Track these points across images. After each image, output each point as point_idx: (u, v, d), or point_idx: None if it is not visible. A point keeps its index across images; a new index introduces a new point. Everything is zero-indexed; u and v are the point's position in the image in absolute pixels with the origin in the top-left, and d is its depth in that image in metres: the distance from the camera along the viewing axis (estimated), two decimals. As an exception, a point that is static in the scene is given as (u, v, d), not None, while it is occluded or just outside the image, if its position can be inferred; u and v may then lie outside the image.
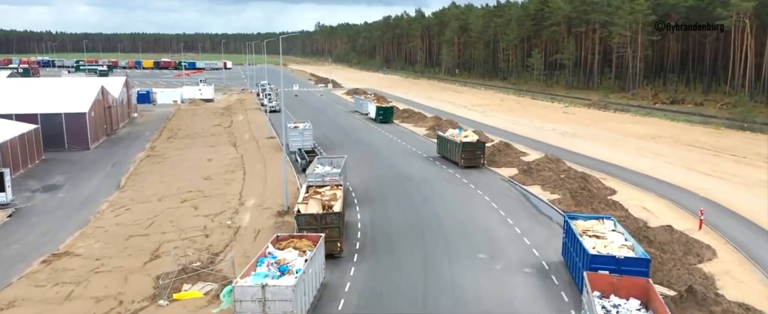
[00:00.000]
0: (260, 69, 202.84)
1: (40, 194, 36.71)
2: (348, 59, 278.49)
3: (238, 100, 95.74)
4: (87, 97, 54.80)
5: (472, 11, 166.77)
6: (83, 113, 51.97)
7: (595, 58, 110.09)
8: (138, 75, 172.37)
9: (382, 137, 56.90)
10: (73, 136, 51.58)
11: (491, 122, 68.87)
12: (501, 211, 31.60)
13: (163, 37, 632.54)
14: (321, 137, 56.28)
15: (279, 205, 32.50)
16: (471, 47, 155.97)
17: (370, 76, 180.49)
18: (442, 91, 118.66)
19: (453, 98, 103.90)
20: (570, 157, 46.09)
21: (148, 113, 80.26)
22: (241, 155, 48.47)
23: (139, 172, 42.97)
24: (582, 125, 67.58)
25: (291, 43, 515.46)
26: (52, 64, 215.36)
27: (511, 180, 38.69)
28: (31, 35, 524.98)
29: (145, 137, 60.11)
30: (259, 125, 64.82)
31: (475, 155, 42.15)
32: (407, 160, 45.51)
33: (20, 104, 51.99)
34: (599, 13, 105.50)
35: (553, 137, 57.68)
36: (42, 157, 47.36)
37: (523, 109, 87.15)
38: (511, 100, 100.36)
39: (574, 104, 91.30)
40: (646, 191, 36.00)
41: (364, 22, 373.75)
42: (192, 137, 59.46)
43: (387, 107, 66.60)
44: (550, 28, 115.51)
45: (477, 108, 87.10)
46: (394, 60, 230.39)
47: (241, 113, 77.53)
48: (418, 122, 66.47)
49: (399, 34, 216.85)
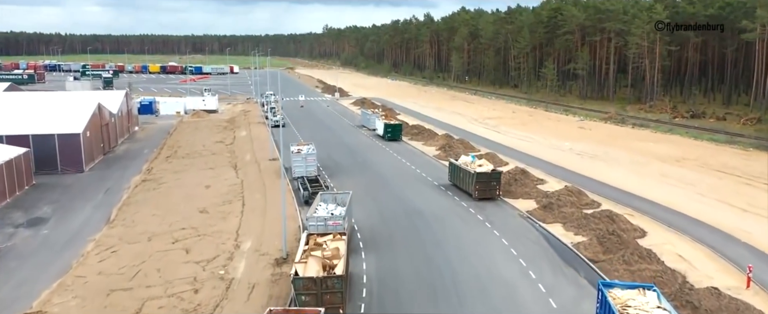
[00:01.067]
0: (267, 74, 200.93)
1: (24, 231, 34.17)
2: (356, 63, 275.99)
3: (242, 111, 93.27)
4: (82, 116, 52.40)
5: (483, 16, 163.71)
6: (77, 133, 49.55)
7: (610, 68, 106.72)
8: (144, 81, 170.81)
9: (390, 160, 54.06)
10: (67, 158, 49.15)
11: (504, 140, 65.86)
12: (521, 260, 28.65)
13: (171, 39, 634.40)
14: (325, 158, 53.59)
15: (278, 249, 29.76)
16: (481, 54, 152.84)
17: (377, 82, 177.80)
18: (451, 100, 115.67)
19: (463, 108, 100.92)
20: (591, 186, 43.06)
21: (149, 126, 77.90)
22: (240, 181, 45.81)
23: (133, 201, 40.38)
24: (600, 144, 64.41)
25: (299, 45, 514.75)
26: (59, 68, 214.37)
27: (530, 217, 35.72)
28: (41, 37, 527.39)
29: (144, 156, 57.62)
30: (261, 142, 62.18)
31: (490, 186, 39.25)
32: (417, 190, 42.63)
33: (11, 124, 49.62)
34: (615, 21, 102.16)
35: (571, 160, 54.61)
36: (32, 182, 44.95)
37: (537, 123, 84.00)
38: (523, 112, 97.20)
39: (590, 117, 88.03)
40: (680, 232, 32.89)
41: (372, 25, 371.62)
42: (192, 156, 56.90)
43: (395, 124, 63.78)
44: (563, 36, 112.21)
45: (489, 121, 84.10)
46: (402, 65, 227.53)
47: (244, 127, 74.98)
48: (428, 140, 63.59)
49: (407, 39, 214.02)
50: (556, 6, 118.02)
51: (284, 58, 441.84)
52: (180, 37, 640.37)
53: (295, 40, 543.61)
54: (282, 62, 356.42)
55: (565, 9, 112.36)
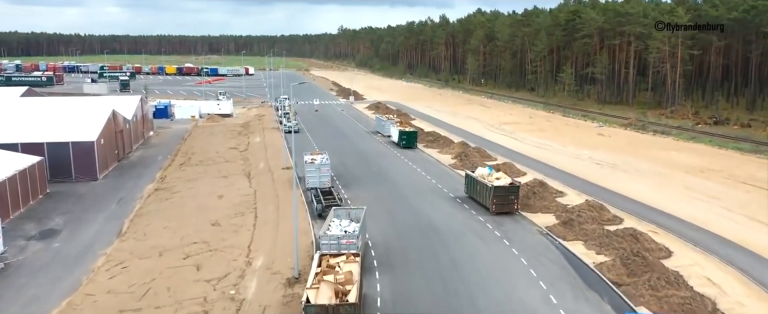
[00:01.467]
0: (282, 75, 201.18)
1: (35, 244, 33.90)
2: (371, 64, 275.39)
3: (256, 115, 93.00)
4: (96, 123, 52.29)
5: (499, 18, 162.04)
6: (91, 141, 49.39)
7: (630, 72, 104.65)
8: (160, 82, 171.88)
9: (405, 169, 53.14)
10: (81, 166, 49.03)
11: (522, 148, 64.59)
12: (541, 282, 27.58)
13: (187, 39, 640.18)
14: (339, 165, 52.90)
15: (290, 267, 29.03)
16: (497, 57, 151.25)
17: (392, 84, 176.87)
18: (467, 104, 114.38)
19: (479, 113, 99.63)
20: (613, 200, 41.77)
21: (164, 131, 77.90)
22: (253, 191, 45.24)
23: (145, 212, 39.99)
24: (620, 152, 62.86)
25: (314, 46, 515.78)
26: (78, 69, 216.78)
27: (550, 234, 34.58)
28: (61, 38, 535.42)
29: (158, 163, 57.43)
30: (275, 150, 61.65)
31: (507, 200, 38.18)
32: (433, 202, 41.67)
33: (26, 132, 49.64)
34: (635, 24, 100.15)
35: (590, 170, 53.24)
36: (46, 191, 44.83)
37: (555, 129, 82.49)
38: (540, 117, 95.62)
39: (609, 123, 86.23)
40: (708, 253, 31.55)
41: (387, 26, 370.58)
42: (206, 163, 56.56)
43: (410, 131, 62.83)
44: (581, 40, 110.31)
45: (505, 127, 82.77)
46: (417, 67, 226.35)
47: (258, 132, 74.58)
48: (443, 148, 62.56)
49: (423, 41, 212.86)
50: (574, 9, 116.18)
51: (299, 59, 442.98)
52: (197, 38, 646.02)
53: (310, 40, 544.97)
54: (297, 63, 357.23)
55: (584, 12, 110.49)
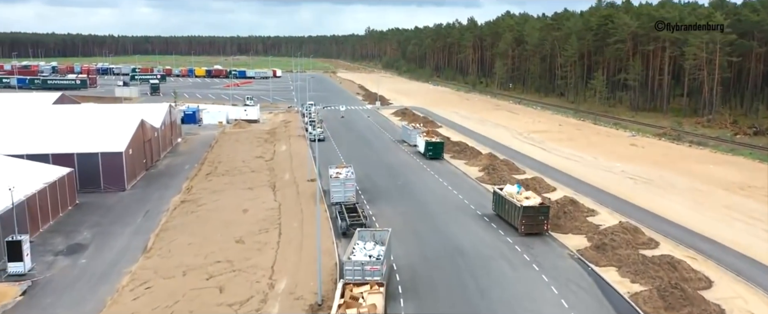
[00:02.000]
0: (309, 78, 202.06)
1: (62, 259, 34.14)
2: (397, 66, 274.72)
3: (283, 121, 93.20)
4: (125, 133, 52.84)
5: (528, 21, 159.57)
6: (120, 152, 49.88)
7: (664, 78, 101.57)
8: (189, 85, 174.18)
9: (432, 183, 52.21)
10: (109, 176, 49.55)
11: (551, 160, 63.02)
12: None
13: (217, 40, 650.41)
14: (364, 178, 52.32)
15: (312, 292, 28.51)
16: (526, 61, 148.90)
17: (419, 88, 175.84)
18: (495, 110, 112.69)
19: (507, 120, 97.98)
20: (648, 220, 40.20)
21: (192, 138, 78.57)
22: (278, 205, 44.95)
23: (170, 226, 40.05)
24: (655, 165, 60.81)
25: (341, 46, 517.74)
26: (111, 72, 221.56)
27: (581, 259, 33.30)
28: (95, 39, 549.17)
29: (184, 172, 57.78)
30: (301, 160, 61.44)
31: (537, 220, 37.00)
32: (460, 221, 40.68)
33: (57, 142, 50.42)
34: (671, 30, 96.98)
35: (623, 185, 51.51)
36: (75, 202, 45.36)
37: (585, 138, 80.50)
38: (570, 125, 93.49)
39: (642, 132, 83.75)
40: (751, 284, 29.91)
41: (414, 27, 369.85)
42: (231, 173, 56.64)
43: (437, 142, 61.88)
44: (614, 45, 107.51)
45: (534, 136, 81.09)
46: (444, 69, 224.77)
47: (284, 140, 74.56)
48: (470, 160, 61.43)
49: (450, 43, 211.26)
50: (607, 13, 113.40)
51: (326, 60, 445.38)
52: (226, 39, 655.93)
53: (337, 41, 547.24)
54: (324, 65, 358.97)
55: (617, 16, 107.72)
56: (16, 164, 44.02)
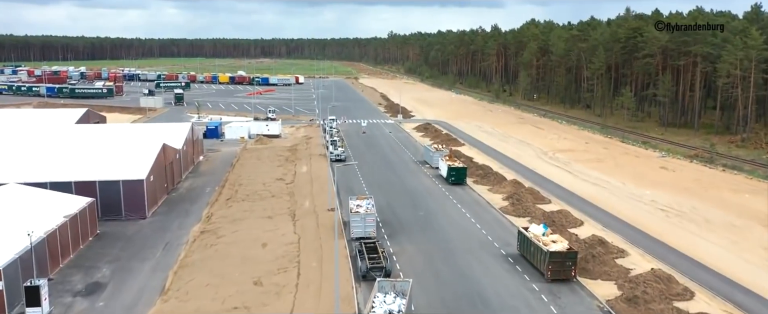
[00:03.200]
0: (332, 84, 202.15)
1: (80, 301, 33.86)
2: (420, 72, 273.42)
3: (304, 137, 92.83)
4: (146, 159, 52.81)
5: (553, 30, 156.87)
6: (141, 180, 49.80)
7: (695, 95, 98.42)
8: (213, 93, 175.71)
9: (454, 213, 50.95)
10: (130, 204, 49.54)
11: (578, 186, 61.19)
12: (604, 385, 25.03)
13: (241, 43, 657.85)
14: (385, 207, 51.43)
15: (331, 349, 27.64)
16: (551, 71, 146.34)
17: (441, 96, 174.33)
18: (519, 125, 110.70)
19: (532, 136, 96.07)
20: (682, 265, 38.45)
21: (214, 155, 78.67)
22: (297, 238, 44.24)
23: (189, 263, 39.63)
24: (687, 193, 58.63)
25: (364, 49, 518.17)
26: (137, 78, 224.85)
27: (611, 312, 31.76)
28: (123, 42, 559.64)
29: (205, 195, 57.62)
30: (321, 184, 60.75)
31: (564, 266, 35.56)
32: (483, 262, 39.42)
33: (80, 169, 50.60)
34: (702, 45, 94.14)
35: (654, 219, 49.57)
36: (96, 232, 45.35)
37: (613, 158, 78.30)
38: (597, 142, 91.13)
39: (672, 153, 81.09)
40: (795, 350, 28.09)
41: (437, 31, 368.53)
42: (252, 198, 56.23)
43: (460, 168, 60.56)
44: (643, 59, 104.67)
45: (559, 156, 79.18)
46: (467, 76, 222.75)
47: (305, 160, 74.04)
48: (494, 185, 59.99)
49: (473, 50, 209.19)
50: (635, 25, 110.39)
51: (348, 63, 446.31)
52: (250, 41, 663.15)
53: (360, 44, 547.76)
54: (346, 69, 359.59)
55: (646, 30, 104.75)
56: (39, 195, 44.23)
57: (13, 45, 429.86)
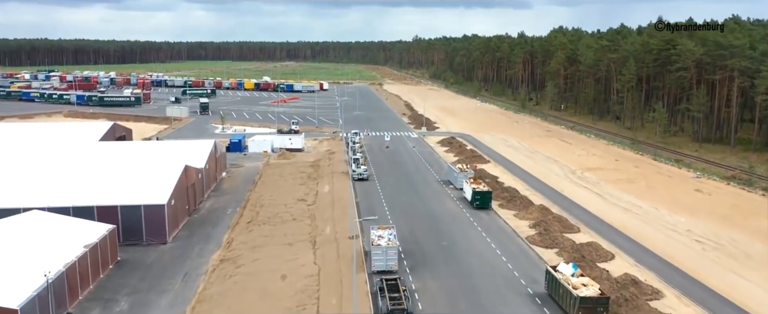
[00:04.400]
0: (355, 91, 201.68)
1: (97, 341, 33.49)
2: (445, 77, 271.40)
3: (327, 151, 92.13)
4: (168, 182, 52.58)
5: (582, 39, 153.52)
6: (162, 205, 49.51)
7: (732, 110, 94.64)
8: (238, 100, 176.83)
9: (479, 243, 49.32)
10: (152, 229, 49.30)
11: (608, 212, 58.92)
12: None
13: (267, 46, 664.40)
14: (408, 236, 50.19)
15: None
16: (579, 82, 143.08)
17: (466, 105, 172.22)
18: (546, 138, 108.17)
19: (559, 152, 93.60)
20: (723, 311, 36.19)
21: (236, 171, 78.49)
22: (318, 269, 43.28)
23: (207, 296, 38.98)
24: (724, 221, 55.94)
25: (388, 53, 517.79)
26: (164, 83, 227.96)
27: (647, 368, 29.94)
28: (152, 45, 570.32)
29: (227, 217, 57.26)
30: (343, 208, 59.75)
31: (595, 312, 33.78)
32: (510, 303, 37.73)
33: (102, 192, 50.58)
34: (740, 58, 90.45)
35: (691, 253, 47.24)
36: (117, 259, 45.14)
37: (644, 178, 75.58)
38: (627, 160, 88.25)
39: (707, 173, 77.89)
40: None
41: (462, 36, 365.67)
42: (272, 221, 55.56)
43: (484, 192, 58.87)
44: (676, 72, 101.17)
45: (588, 175, 76.77)
46: (492, 83, 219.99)
47: (327, 178, 73.17)
48: (521, 211, 58.14)
49: (499, 58, 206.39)
50: (669, 37, 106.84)
51: (373, 68, 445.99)
52: (276, 44, 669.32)
53: (384, 47, 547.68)
54: (370, 73, 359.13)
55: (680, 42, 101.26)
56: (60, 223, 44.21)
57: (47, 49, 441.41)
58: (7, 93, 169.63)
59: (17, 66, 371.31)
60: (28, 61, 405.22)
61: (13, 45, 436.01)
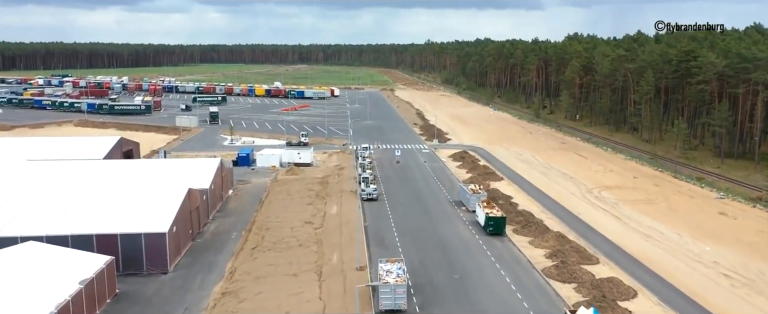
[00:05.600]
0: (366, 97, 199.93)
1: (89, 390, 31.73)
2: (457, 82, 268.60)
3: (336, 167, 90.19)
4: (170, 207, 50.92)
5: (597, 47, 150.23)
6: (163, 233, 47.83)
7: (755, 126, 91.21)
8: (248, 108, 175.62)
9: (492, 277, 46.91)
10: (152, 258, 47.63)
11: (628, 240, 56.25)
12: None
13: (279, 49, 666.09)
14: (417, 266, 48.11)
15: None
16: (595, 91, 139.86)
17: (478, 112, 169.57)
18: (561, 152, 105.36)
19: (575, 168, 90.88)
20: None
21: (244, 187, 76.92)
22: (323, 307, 41.25)
23: (206, 337, 37.17)
24: (752, 251, 53.15)
25: (400, 56, 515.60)
26: (176, 89, 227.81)
27: None
28: (165, 49, 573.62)
29: (231, 241, 55.53)
30: (351, 232, 57.70)
31: (619, 366, 31.40)
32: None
33: (101, 218, 48.98)
34: (764, 71, 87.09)
35: (719, 289, 44.64)
36: (115, 291, 43.44)
37: (665, 199, 72.72)
38: (646, 177, 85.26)
39: (731, 194, 74.74)
40: None
41: (475, 39, 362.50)
42: (278, 248, 53.71)
43: (498, 218, 56.47)
44: (696, 86, 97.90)
45: (606, 195, 74.07)
46: (505, 89, 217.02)
47: (335, 198, 71.17)
48: (536, 237, 55.65)
49: (512, 64, 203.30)
50: (689, 48, 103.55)
51: (385, 71, 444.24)
52: (288, 47, 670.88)
53: (396, 50, 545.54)
54: (382, 78, 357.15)
55: (701, 54, 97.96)
56: (56, 255, 42.61)
57: (62, 53, 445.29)
58: (20, 101, 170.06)
59: (32, 70, 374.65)
60: (43, 65, 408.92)
61: (29, 49, 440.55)
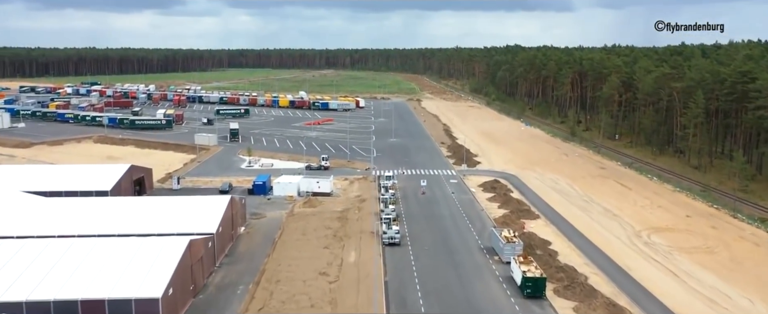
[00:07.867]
0: (392, 109, 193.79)
1: None
2: (486, 92, 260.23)
3: (357, 198, 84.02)
4: (166, 267, 45.56)
5: (638, 61, 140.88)
6: (156, 299, 42.40)
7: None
8: (271, 122, 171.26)
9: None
10: (143, 326, 42.21)
11: (690, 307, 48.50)
12: None
13: (307, 54, 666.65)
14: (445, 342, 41.32)
15: None
16: (636, 110, 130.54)
17: (509, 128, 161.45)
18: (601, 180, 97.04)
19: (618, 201, 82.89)
20: None
21: (257, 223, 71.56)
22: None
23: None
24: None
25: (428, 60, 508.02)
26: (200, 100, 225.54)
27: None
28: (194, 53, 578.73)
29: (236, 299, 49.88)
30: (368, 290, 51.39)
31: None
32: None
33: (89, 279, 43.93)
34: (837, 98, 77.61)
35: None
36: (97, 372, 38.13)
37: (726, 246, 64.47)
38: (701, 215, 76.65)
39: (803, 240, 65.89)
40: None
41: (504, 45, 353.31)
42: (287, 309, 47.86)
43: (537, 279, 49.32)
44: (756, 111, 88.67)
45: (656, 240, 66.24)
46: (536, 99, 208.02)
47: (354, 240, 64.88)
48: (581, 302, 48.36)
49: (545, 76, 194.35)
50: (746, 69, 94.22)
51: (412, 77, 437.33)
52: (315, 52, 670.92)
53: (424, 56, 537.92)
54: (409, 85, 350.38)
55: (759, 75, 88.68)
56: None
57: (93, 59, 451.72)
58: (43, 114, 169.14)
59: (64, 76, 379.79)
60: (75, 71, 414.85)
61: (62, 55, 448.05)
